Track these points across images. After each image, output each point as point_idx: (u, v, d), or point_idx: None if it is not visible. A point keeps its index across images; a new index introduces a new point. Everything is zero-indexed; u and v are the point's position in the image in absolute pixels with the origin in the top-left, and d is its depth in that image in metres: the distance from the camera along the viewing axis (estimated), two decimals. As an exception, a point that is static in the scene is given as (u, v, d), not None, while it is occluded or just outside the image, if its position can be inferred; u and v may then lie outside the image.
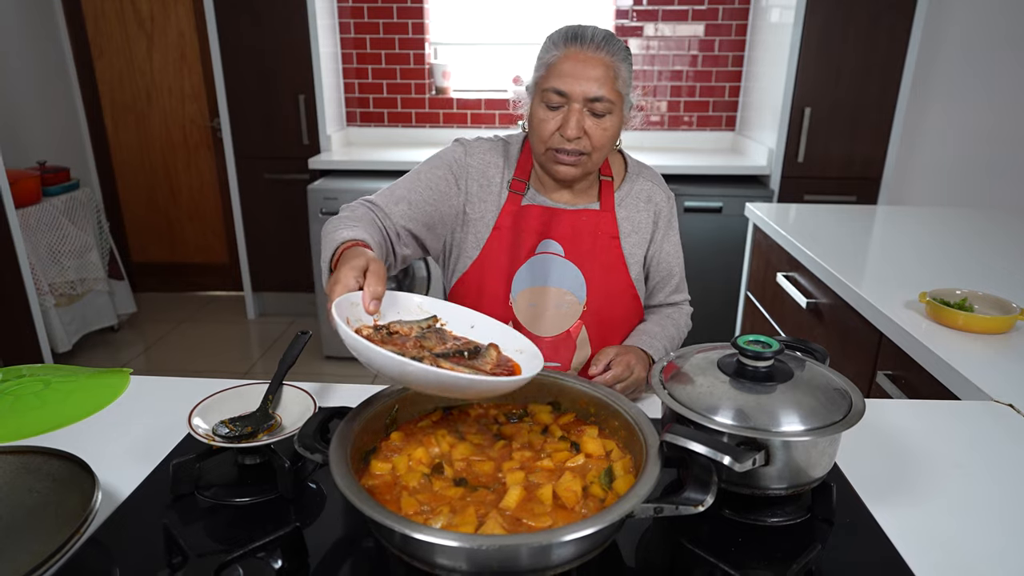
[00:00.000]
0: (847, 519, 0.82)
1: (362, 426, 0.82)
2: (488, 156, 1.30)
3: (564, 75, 1.13)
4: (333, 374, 3.29)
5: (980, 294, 1.43)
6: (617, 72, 1.15)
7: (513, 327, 1.25)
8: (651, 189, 1.35)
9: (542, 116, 1.17)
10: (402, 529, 0.62)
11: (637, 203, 1.32)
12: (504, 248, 1.27)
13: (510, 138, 1.34)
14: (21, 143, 3.43)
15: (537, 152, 1.23)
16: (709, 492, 0.68)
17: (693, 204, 3.10)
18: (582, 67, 1.13)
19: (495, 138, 1.34)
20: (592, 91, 1.13)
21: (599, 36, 1.15)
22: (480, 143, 1.32)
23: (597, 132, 1.16)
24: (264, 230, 3.66)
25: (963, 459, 0.97)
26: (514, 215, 1.27)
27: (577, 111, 1.14)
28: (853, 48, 2.96)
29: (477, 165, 1.28)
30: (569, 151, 1.17)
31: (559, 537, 0.62)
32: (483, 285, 1.28)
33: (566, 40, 1.15)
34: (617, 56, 1.15)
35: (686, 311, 1.42)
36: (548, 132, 1.17)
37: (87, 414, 1.06)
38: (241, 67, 3.39)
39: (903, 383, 1.37)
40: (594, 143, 1.17)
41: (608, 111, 1.15)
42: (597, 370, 1.16)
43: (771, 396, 0.79)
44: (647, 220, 1.33)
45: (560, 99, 1.15)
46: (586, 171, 1.22)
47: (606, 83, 1.13)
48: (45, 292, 3.09)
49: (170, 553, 0.72)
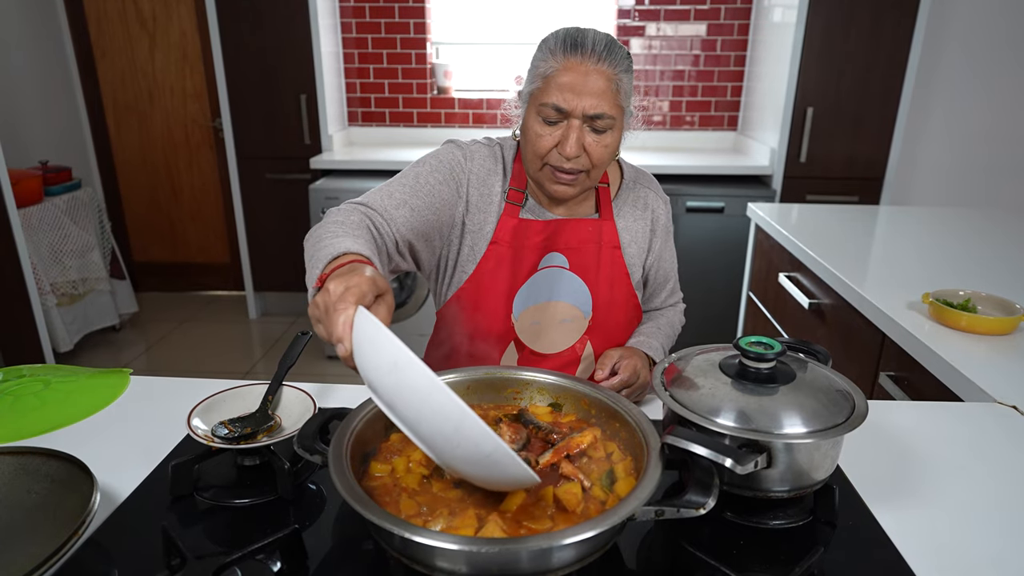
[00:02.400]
0: (849, 522, 0.82)
1: (362, 427, 0.81)
2: (487, 163, 1.21)
3: (563, 90, 1.05)
4: (334, 374, 3.29)
5: (983, 295, 1.43)
6: (619, 85, 1.07)
7: (515, 346, 1.23)
8: (647, 195, 1.29)
9: (539, 131, 1.10)
10: (401, 532, 0.62)
11: (635, 211, 1.27)
12: (504, 264, 1.18)
13: (503, 142, 1.25)
14: (23, 143, 3.44)
15: (532, 167, 1.15)
16: (711, 495, 0.68)
17: (695, 204, 3.10)
18: (582, 81, 1.04)
19: (488, 141, 1.25)
20: (593, 108, 1.05)
21: (600, 45, 1.06)
22: (478, 147, 1.22)
23: (597, 149, 1.09)
24: (266, 230, 3.66)
25: (966, 461, 0.96)
26: (513, 229, 1.18)
27: (577, 128, 1.07)
28: (855, 48, 2.95)
29: (477, 172, 1.19)
30: (567, 169, 1.10)
31: (560, 540, 0.62)
32: (480, 302, 1.20)
33: (565, 49, 1.06)
34: (619, 67, 1.07)
35: (680, 309, 1.41)
36: (545, 148, 1.10)
37: (87, 414, 1.06)
38: (243, 67, 3.39)
39: (906, 384, 1.37)
40: (594, 160, 1.10)
41: (609, 127, 1.08)
42: (603, 375, 1.14)
43: (773, 398, 0.79)
44: (644, 229, 1.27)
45: (558, 115, 1.07)
46: (583, 189, 1.16)
47: (608, 98, 1.06)
48: (47, 292, 3.09)
49: (168, 555, 0.71)
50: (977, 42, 3.21)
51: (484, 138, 1.26)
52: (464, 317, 1.22)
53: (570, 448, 0.80)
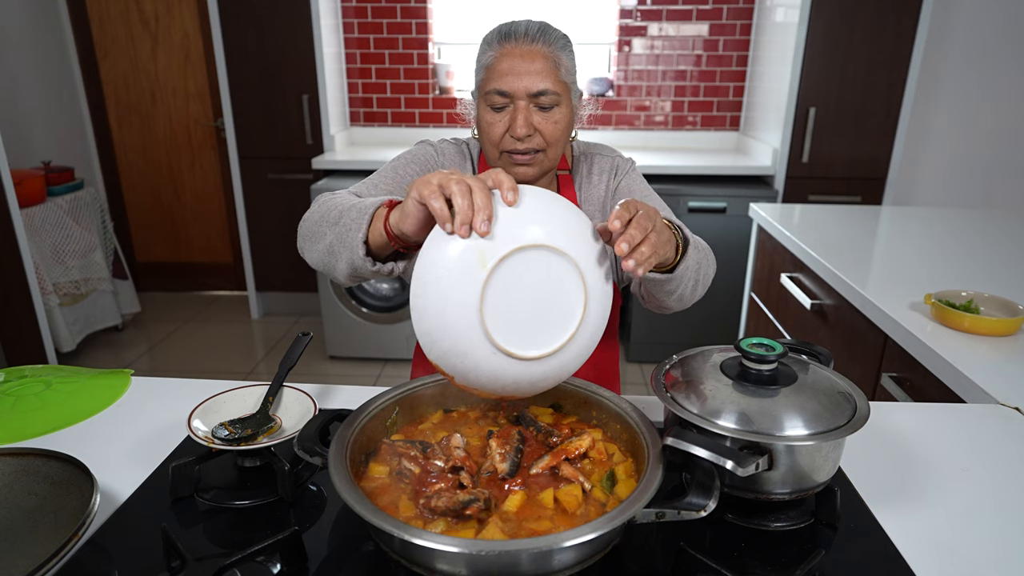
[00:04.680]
0: (851, 524, 0.81)
1: (362, 428, 0.81)
2: (456, 159, 1.26)
3: (503, 74, 1.09)
4: (336, 375, 3.29)
5: (986, 296, 1.42)
6: (558, 62, 1.11)
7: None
8: (601, 161, 1.28)
9: (489, 119, 1.13)
10: (401, 534, 0.62)
11: (591, 178, 1.27)
12: None
13: (468, 141, 1.30)
14: (26, 143, 3.44)
15: (491, 158, 1.18)
16: (712, 497, 0.68)
17: (697, 204, 3.09)
18: (520, 62, 1.09)
19: (456, 141, 1.30)
20: (535, 85, 1.09)
21: (533, 28, 1.11)
22: (447, 146, 1.27)
23: (548, 126, 1.12)
24: (268, 230, 3.67)
25: (969, 463, 0.96)
26: None
27: (523, 108, 1.10)
28: (858, 48, 2.95)
29: (449, 168, 1.21)
30: (522, 151, 1.13)
31: (560, 542, 0.62)
32: None
33: (500, 38, 1.11)
34: (555, 45, 1.11)
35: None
36: (498, 135, 1.13)
37: (87, 415, 1.06)
38: (245, 67, 3.39)
39: (908, 385, 1.36)
40: (547, 138, 1.13)
41: (555, 103, 1.11)
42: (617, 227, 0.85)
43: (775, 400, 0.79)
44: (602, 188, 1.26)
45: (503, 99, 1.10)
46: (544, 169, 1.17)
47: (548, 75, 1.09)
48: (49, 292, 3.09)
49: (169, 556, 0.71)
50: (980, 41, 3.21)
51: (452, 138, 1.31)
52: None
53: (568, 452, 0.79)
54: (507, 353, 0.74)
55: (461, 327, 0.72)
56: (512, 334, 0.74)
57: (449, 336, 0.73)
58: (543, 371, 0.79)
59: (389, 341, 3.34)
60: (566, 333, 0.77)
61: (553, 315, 0.76)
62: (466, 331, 0.72)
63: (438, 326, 0.73)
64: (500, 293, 0.72)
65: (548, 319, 0.76)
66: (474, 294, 0.71)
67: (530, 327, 0.75)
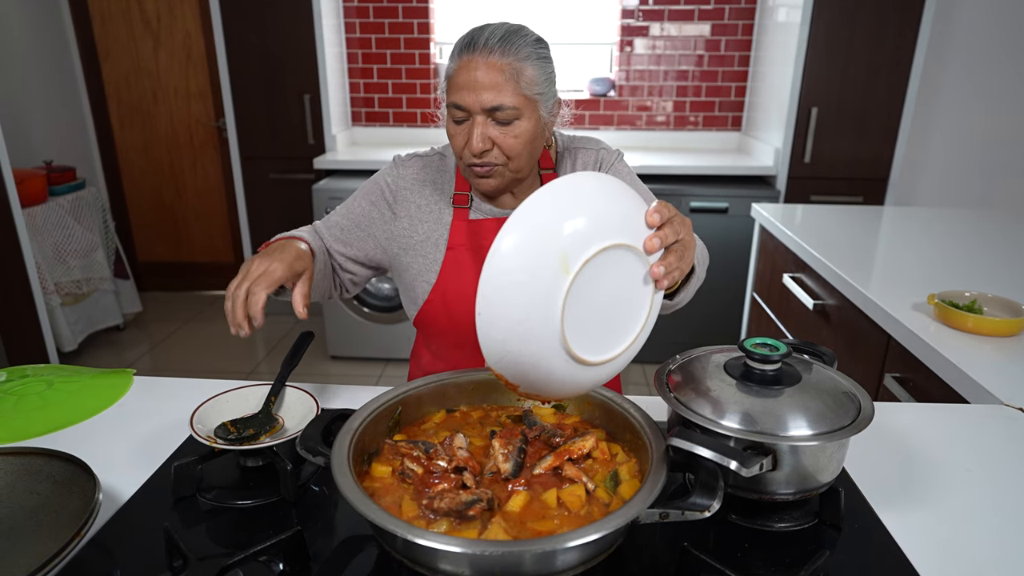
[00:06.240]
0: (855, 524, 0.81)
1: (364, 429, 0.81)
2: (422, 174, 1.23)
3: (461, 88, 1.06)
4: (338, 374, 3.29)
5: (989, 296, 1.42)
6: (519, 74, 1.05)
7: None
8: (585, 155, 1.25)
9: (452, 131, 1.11)
10: (404, 534, 0.62)
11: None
12: (465, 267, 1.19)
13: (447, 150, 1.27)
14: (27, 143, 3.44)
15: (460, 168, 1.16)
16: (715, 497, 0.67)
17: (699, 205, 3.09)
18: (475, 77, 1.04)
19: (431, 152, 1.27)
20: (488, 101, 1.04)
21: (495, 38, 1.05)
22: (414, 161, 1.25)
23: (507, 141, 1.08)
24: (269, 230, 3.66)
25: (973, 463, 0.95)
26: (467, 232, 1.19)
27: (480, 123, 1.06)
28: (860, 47, 2.94)
29: (410, 186, 1.22)
30: (480, 164, 1.10)
31: (563, 543, 0.61)
32: (450, 310, 1.20)
33: (460, 49, 1.08)
34: (518, 56, 1.05)
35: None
36: (459, 147, 1.11)
37: (89, 415, 1.06)
38: (247, 67, 3.39)
39: (911, 386, 1.36)
40: (506, 152, 1.09)
41: (515, 117, 1.06)
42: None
43: (778, 400, 0.78)
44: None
45: (462, 113, 1.07)
46: (507, 181, 1.14)
47: (504, 89, 1.04)
48: (51, 291, 3.09)
49: (171, 556, 0.71)
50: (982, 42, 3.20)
51: (430, 149, 1.28)
52: (439, 328, 1.23)
53: (571, 452, 0.79)
54: (580, 360, 0.75)
55: (542, 336, 0.71)
56: (585, 339, 0.75)
57: (528, 345, 0.72)
58: (607, 372, 0.80)
59: (391, 341, 3.34)
60: (633, 332, 0.78)
61: (621, 314, 0.77)
62: (548, 339, 0.72)
63: (518, 334, 0.71)
64: (579, 299, 0.72)
65: (618, 319, 0.77)
66: (557, 303, 0.70)
67: (601, 330, 0.76)
